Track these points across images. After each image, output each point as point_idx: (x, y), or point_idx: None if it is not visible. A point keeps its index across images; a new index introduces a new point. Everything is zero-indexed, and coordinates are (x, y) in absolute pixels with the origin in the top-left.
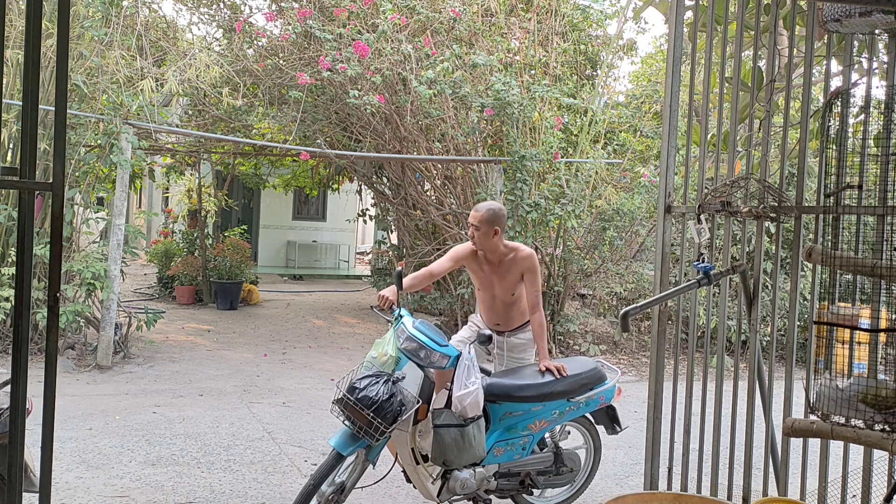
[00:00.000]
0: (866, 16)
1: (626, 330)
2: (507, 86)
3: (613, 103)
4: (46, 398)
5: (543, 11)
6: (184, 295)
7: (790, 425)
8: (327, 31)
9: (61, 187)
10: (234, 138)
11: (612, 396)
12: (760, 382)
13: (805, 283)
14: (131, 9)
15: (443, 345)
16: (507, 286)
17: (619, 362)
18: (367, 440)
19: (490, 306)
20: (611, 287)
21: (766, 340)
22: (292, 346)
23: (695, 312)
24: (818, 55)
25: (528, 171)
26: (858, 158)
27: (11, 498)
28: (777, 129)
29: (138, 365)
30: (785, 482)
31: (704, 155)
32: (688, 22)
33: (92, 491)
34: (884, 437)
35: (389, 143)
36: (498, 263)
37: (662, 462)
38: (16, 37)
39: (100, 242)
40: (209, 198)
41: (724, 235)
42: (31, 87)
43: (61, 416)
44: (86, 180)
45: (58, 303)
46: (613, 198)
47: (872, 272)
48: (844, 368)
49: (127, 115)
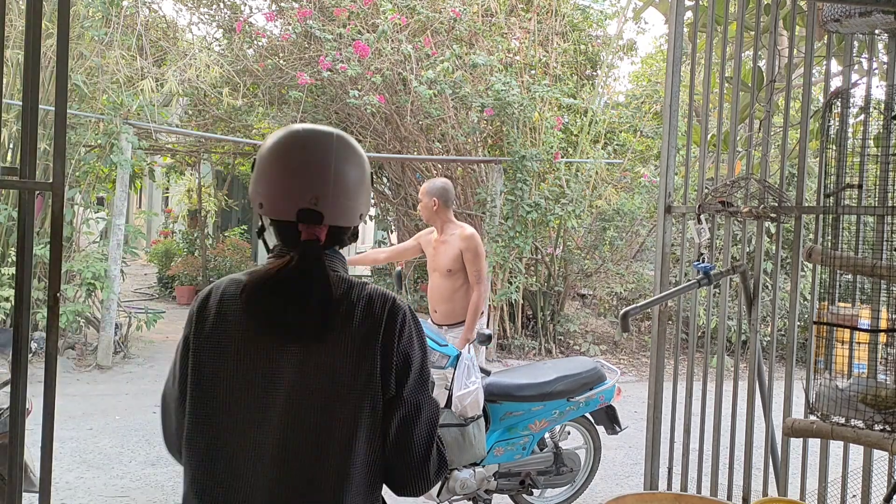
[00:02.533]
0: (866, 16)
1: (626, 330)
2: (507, 86)
3: (613, 103)
4: (46, 398)
5: (543, 11)
6: (184, 295)
7: (790, 425)
8: (327, 31)
9: (61, 187)
10: (234, 138)
11: (611, 396)
12: (760, 382)
13: (805, 283)
14: (131, 9)
15: (442, 344)
16: (443, 262)
17: (619, 362)
18: None
19: (432, 288)
20: (611, 287)
21: (767, 340)
22: None
23: (695, 312)
24: (818, 55)
25: (528, 171)
26: (858, 158)
27: (11, 498)
28: (777, 129)
29: (138, 365)
30: (785, 482)
31: (704, 155)
32: (688, 22)
33: (92, 491)
34: (884, 438)
35: (389, 143)
36: (443, 241)
37: (662, 462)
38: (16, 37)
39: (100, 242)
40: (209, 198)
41: (724, 235)
42: (31, 87)
43: (61, 416)
44: (86, 180)
45: (58, 303)
46: (613, 198)
47: (872, 272)
48: (844, 368)
49: (127, 115)
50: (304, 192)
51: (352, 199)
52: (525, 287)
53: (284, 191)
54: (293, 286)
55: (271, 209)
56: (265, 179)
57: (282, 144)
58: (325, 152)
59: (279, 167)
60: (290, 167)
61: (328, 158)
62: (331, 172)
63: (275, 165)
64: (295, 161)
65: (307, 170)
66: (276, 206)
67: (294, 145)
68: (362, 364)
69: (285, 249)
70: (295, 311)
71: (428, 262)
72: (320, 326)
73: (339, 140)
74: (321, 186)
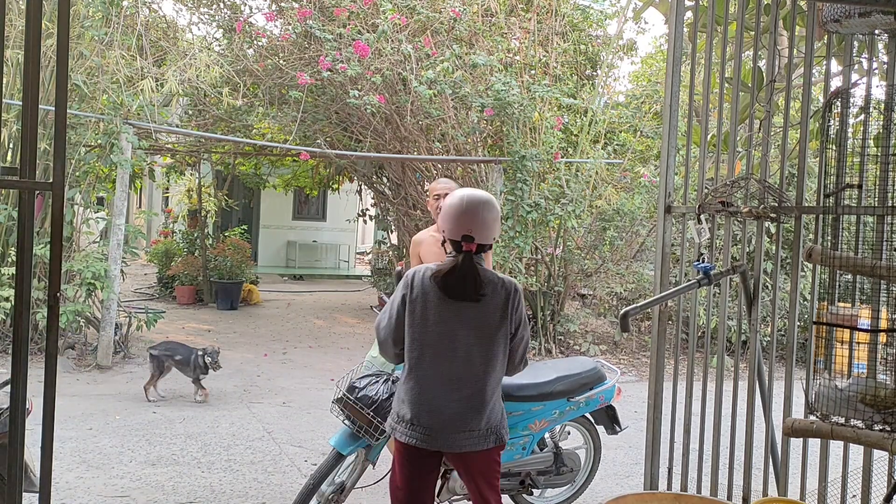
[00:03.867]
0: (866, 16)
1: (626, 330)
2: (507, 86)
3: (613, 103)
4: (46, 398)
5: (543, 11)
6: (184, 295)
7: (790, 425)
8: (327, 31)
9: (61, 187)
10: (234, 138)
11: (611, 396)
12: (760, 382)
13: (805, 283)
14: (131, 9)
15: None
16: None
17: (619, 362)
18: (367, 439)
19: None
20: (611, 287)
21: (767, 340)
22: (292, 346)
23: (695, 312)
24: (818, 55)
25: (528, 171)
26: (858, 158)
27: (11, 498)
28: (777, 129)
29: (138, 365)
30: (785, 482)
31: (704, 155)
32: (688, 22)
33: (92, 491)
34: (884, 437)
35: (389, 143)
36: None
37: (662, 462)
38: (16, 37)
39: (100, 242)
40: (209, 198)
41: (724, 235)
42: (31, 87)
43: (61, 416)
44: (86, 180)
45: (58, 303)
46: (613, 198)
47: (872, 272)
48: (844, 368)
49: (127, 114)
50: (466, 226)
51: (489, 230)
52: (525, 287)
53: (457, 226)
54: (461, 272)
55: (450, 234)
56: (449, 218)
57: (458, 200)
58: (476, 206)
59: (456, 213)
60: (460, 214)
61: (478, 209)
62: (479, 217)
63: (454, 211)
64: (463, 211)
65: (467, 215)
66: (453, 232)
67: (462, 201)
68: (500, 317)
69: (455, 254)
70: (462, 285)
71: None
72: (475, 294)
73: (484, 199)
74: (473, 224)
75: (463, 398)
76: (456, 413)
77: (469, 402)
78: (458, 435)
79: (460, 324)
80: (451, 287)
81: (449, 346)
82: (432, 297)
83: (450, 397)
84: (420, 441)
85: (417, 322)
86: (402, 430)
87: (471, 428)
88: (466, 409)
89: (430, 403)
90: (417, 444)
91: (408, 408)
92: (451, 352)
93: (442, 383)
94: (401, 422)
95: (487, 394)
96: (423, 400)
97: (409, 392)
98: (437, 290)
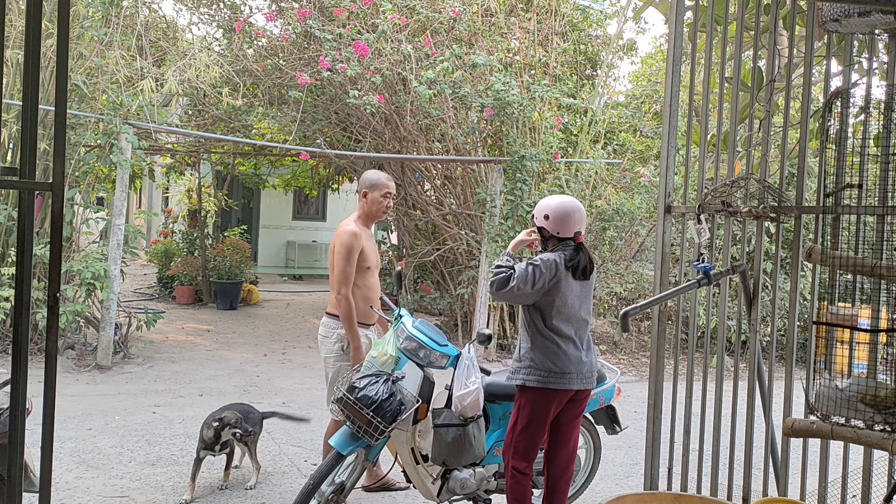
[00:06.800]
0: (865, 16)
1: (626, 330)
2: (506, 86)
3: (613, 103)
4: (46, 398)
5: (543, 11)
6: (184, 295)
7: (790, 425)
8: (327, 31)
9: (61, 187)
10: (234, 138)
11: (611, 396)
12: (760, 382)
13: (805, 283)
14: (131, 9)
15: (442, 344)
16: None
17: (619, 362)
18: (367, 440)
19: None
20: (611, 287)
21: (766, 340)
22: (292, 346)
23: (695, 312)
24: (818, 55)
25: (527, 171)
26: (858, 158)
27: (11, 498)
28: (777, 129)
29: (138, 365)
30: (785, 482)
31: (704, 155)
32: (688, 22)
33: (92, 491)
34: (884, 438)
35: (389, 143)
36: (370, 236)
37: (662, 462)
38: (16, 37)
39: (100, 242)
40: (209, 198)
41: (724, 235)
42: (31, 87)
43: (61, 416)
44: (86, 180)
45: (58, 303)
46: (613, 198)
47: (872, 272)
48: (844, 368)
49: (127, 115)
50: (578, 225)
51: (584, 226)
52: None
53: (570, 225)
54: (582, 259)
55: (564, 232)
56: (561, 221)
57: (567, 206)
58: (580, 209)
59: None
60: (571, 216)
61: (581, 211)
62: (582, 217)
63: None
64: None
65: (576, 217)
66: (566, 231)
67: (570, 207)
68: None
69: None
70: (583, 267)
71: (366, 260)
72: (589, 272)
73: (579, 204)
74: (581, 223)
75: (586, 349)
76: (585, 359)
77: (588, 351)
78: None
79: (581, 296)
80: (577, 268)
81: (575, 313)
82: (566, 276)
83: (580, 348)
84: (576, 384)
85: (560, 295)
86: (555, 380)
87: (590, 370)
88: (589, 356)
89: (574, 355)
90: (571, 387)
91: (561, 362)
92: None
93: (575, 342)
94: (550, 374)
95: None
96: (568, 354)
97: (553, 351)
98: (568, 271)
